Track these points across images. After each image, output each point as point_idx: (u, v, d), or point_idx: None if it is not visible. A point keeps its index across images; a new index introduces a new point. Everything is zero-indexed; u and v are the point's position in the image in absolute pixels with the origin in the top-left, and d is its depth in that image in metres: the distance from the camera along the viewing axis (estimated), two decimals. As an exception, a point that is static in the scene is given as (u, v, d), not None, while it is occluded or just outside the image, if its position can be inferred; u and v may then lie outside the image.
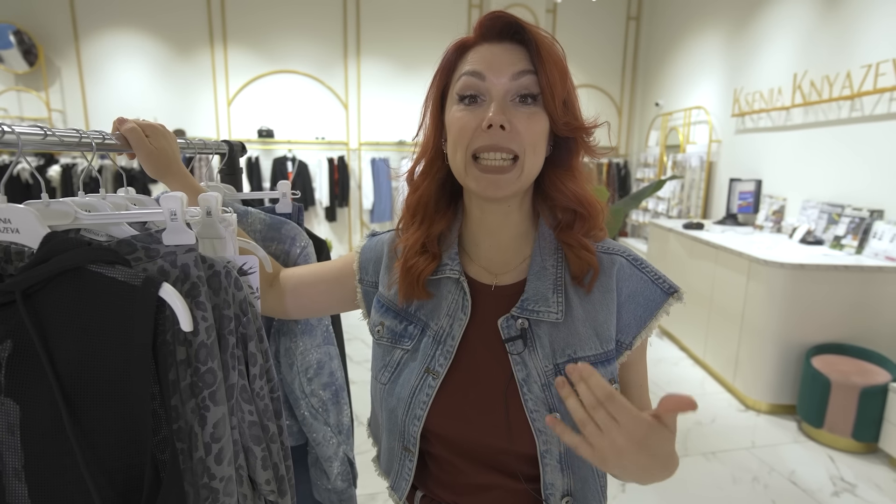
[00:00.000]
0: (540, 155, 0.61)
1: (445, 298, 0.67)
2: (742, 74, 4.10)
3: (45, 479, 0.46)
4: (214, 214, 0.59)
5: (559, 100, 0.59)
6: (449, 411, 0.63)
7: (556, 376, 0.60)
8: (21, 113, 4.93)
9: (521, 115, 0.58)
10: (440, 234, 0.69)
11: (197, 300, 0.50)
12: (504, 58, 0.59)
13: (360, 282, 0.76)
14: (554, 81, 0.58)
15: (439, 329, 0.66)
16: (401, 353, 0.67)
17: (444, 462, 0.67)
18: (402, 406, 0.65)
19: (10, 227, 0.47)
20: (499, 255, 0.68)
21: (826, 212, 3.11)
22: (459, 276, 0.66)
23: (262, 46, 5.27)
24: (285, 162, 5.34)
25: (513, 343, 0.62)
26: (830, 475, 2.20)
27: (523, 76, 0.58)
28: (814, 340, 2.62)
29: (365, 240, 0.79)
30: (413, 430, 0.64)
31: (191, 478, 0.51)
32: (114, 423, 0.46)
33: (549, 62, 0.58)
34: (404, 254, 0.68)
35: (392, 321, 0.69)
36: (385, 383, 0.68)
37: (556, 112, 0.59)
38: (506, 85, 0.58)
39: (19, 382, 0.46)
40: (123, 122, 0.70)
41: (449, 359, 0.64)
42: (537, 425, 0.60)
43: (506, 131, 0.57)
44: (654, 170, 5.39)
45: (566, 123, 0.60)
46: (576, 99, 0.62)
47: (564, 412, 0.60)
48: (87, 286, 0.46)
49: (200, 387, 0.50)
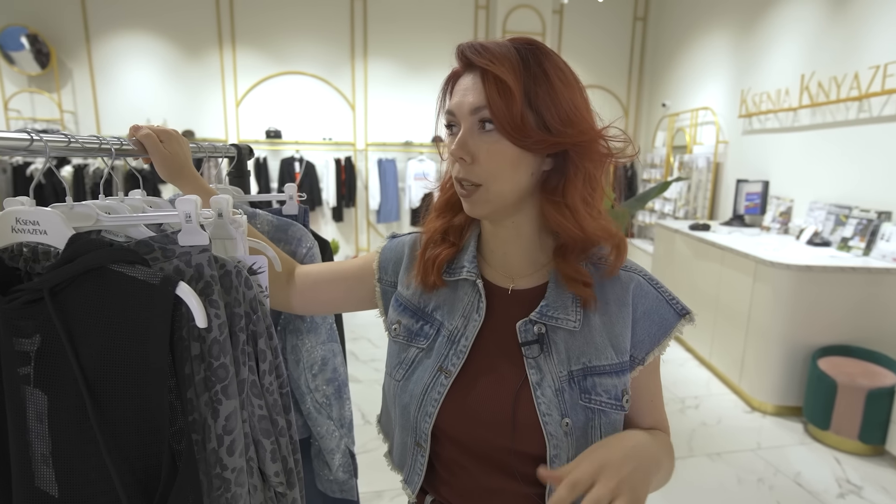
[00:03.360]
0: (507, 180, 0.60)
1: (461, 300, 0.69)
2: (749, 75, 4.09)
3: (71, 464, 0.49)
4: (226, 216, 0.61)
5: (507, 120, 0.57)
6: (459, 410, 0.65)
7: (570, 383, 0.62)
8: (34, 114, 5.00)
9: (483, 144, 0.59)
10: (462, 226, 0.71)
11: (210, 298, 0.52)
12: (468, 91, 0.60)
13: (379, 281, 0.78)
14: (494, 103, 0.57)
15: (454, 329, 0.68)
16: (416, 351, 0.69)
17: (453, 464, 0.68)
18: (415, 403, 0.67)
19: (38, 228, 0.50)
20: (514, 261, 0.69)
21: (833, 213, 3.10)
22: (476, 279, 0.68)
23: (270, 48, 5.32)
24: (293, 162, 5.39)
25: (529, 347, 0.64)
26: (836, 477, 2.19)
27: (479, 111, 0.59)
28: (820, 342, 2.61)
29: (386, 241, 0.81)
30: (424, 426, 0.66)
31: (204, 467, 0.54)
32: (133, 413, 0.49)
33: (490, 84, 0.57)
34: (425, 243, 0.71)
35: (409, 320, 0.71)
36: (399, 380, 0.70)
37: (510, 132, 0.57)
38: (468, 119, 0.60)
39: (47, 374, 0.49)
40: (139, 129, 0.72)
41: (462, 359, 0.66)
42: (549, 429, 0.61)
43: (467, 163, 0.60)
44: (660, 171, 5.38)
45: (536, 141, 0.58)
46: (551, 110, 0.58)
47: (575, 419, 0.62)
48: (110, 284, 0.48)
49: (213, 381, 0.53)
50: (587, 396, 0.62)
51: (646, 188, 5.57)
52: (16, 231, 0.50)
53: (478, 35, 5.50)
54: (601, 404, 0.63)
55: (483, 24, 5.58)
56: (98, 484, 0.49)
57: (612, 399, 0.63)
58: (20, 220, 0.50)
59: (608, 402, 0.63)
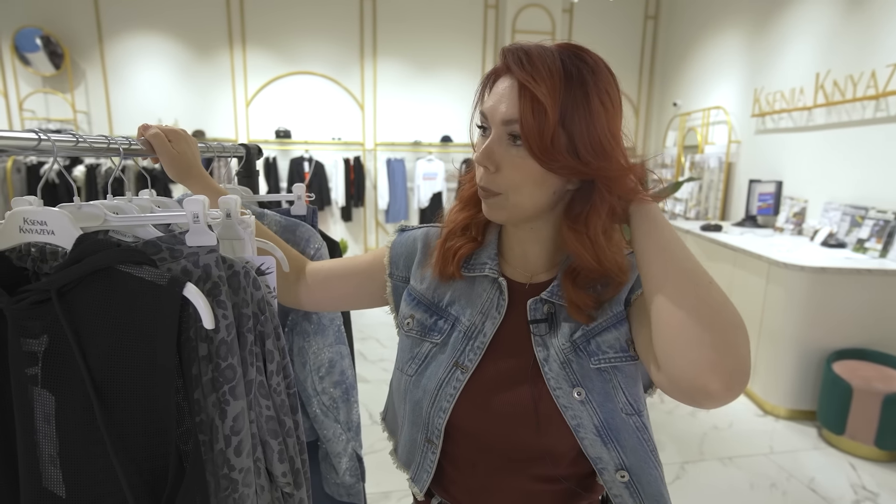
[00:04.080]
0: (528, 195, 0.60)
1: (480, 296, 0.68)
2: (763, 74, 4.03)
3: (78, 465, 0.48)
4: (234, 216, 0.61)
5: (537, 141, 0.56)
6: (476, 404, 0.65)
7: (576, 352, 0.62)
8: (48, 114, 5.07)
9: (509, 156, 0.59)
10: (485, 223, 0.70)
11: (218, 299, 0.52)
12: (502, 100, 0.58)
13: (391, 276, 0.77)
14: (527, 122, 0.55)
15: (471, 325, 0.67)
16: (429, 346, 0.69)
17: (462, 462, 0.68)
18: (429, 398, 0.66)
19: (46, 228, 0.50)
20: (533, 259, 0.69)
21: (849, 214, 3.04)
22: (498, 277, 0.67)
23: (279, 48, 5.34)
24: (302, 162, 5.41)
25: (537, 325, 0.64)
26: (851, 483, 2.15)
27: (510, 124, 0.58)
28: (835, 345, 2.57)
29: (395, 235, 0.79)
30: (438, 422, 0.66)
31: (212, 468, 0.53)
32: (141, 414, 0.48)
33: (525, 101, 0.55)
34: (445, 235, 0.70)
35: (423, 314, 0.71)
36: (412, 375, 0.69)
37: (536, 154, 0.56)
38: (498, 128, 0.59)
39: (54, 375, 0.48)
40: (148, 128, 0.72)
41: (479, 354, 0.66)
42: (562, 402, 0.62)
43: (490, 172, 0.60)
44: (671, 171, 5.33)
45: (563, 166, 0.57)
46: (584, 138, 0.56)
47: (590, 387, 0.62)
48: (117, 285, 0.48)
49: (221, 382, 0.52)
50: (596, 359, 0.62)
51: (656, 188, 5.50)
52: (24, 231, 0.50)
53: (486, 35, 5.49)
54: (610, 360, 0.62)
55: (493, 24, 5.56)
56: (105, 485, 0.48)
57: (619, 352, 0.62)
58: (28, 220, 0.50)
59: (616, 357, 0.62)
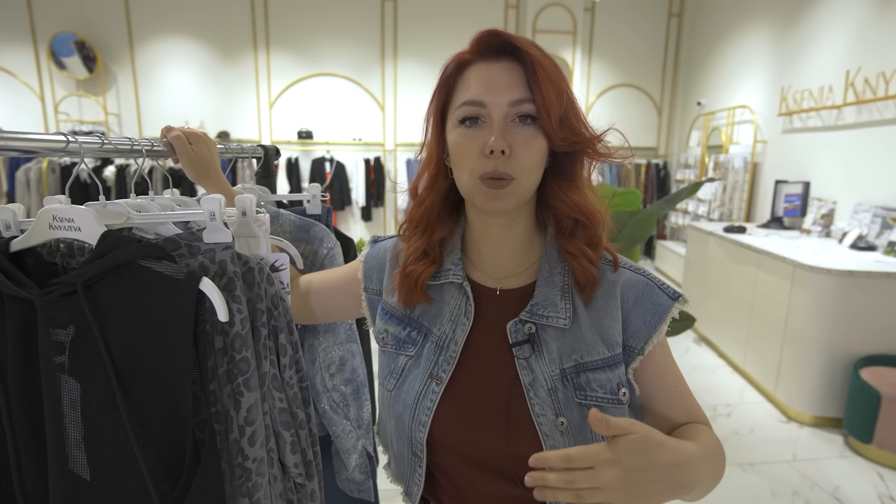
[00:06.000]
0: (536, 173, 0.62)
1: (448, 304, 0.67)
2: (790, 72, 3.93)
3: (102, 450, 0.51)
4: (249, 215, 0.63)
5: (555, 119, 0.58)
6: (453, 416, 0.64)
7: (563, 381, 0.61)
8: (81, 116, 5.27)
9: (520, 137, 0.59)
10: (442, 240, 0.69)
11: (233, 294, 0.54)
12: (502, 80, 0.59)
13: (365, 290, 0.76)
14: (550, 102, 0.57)
15: (442, 334, 0.66)
16: (405, 359, 0.68)
17: (452, 472, 0.67)
18: (408, 412, 0.65)
19: (73, 225, 0.53)
20: (502, 262, 0.68)
21: (880, 216, 2.94)
22: (462, 281, 0.66)
23: (302, 50, 5.43)
24: (323, 163, 5.49)
25: (520, 347, 0.62)
26: (879, 493, 2.09)
27: (522, 104, 0.58)
28: (863, 351, 2.49)
29: (368, 247, 0.78)
30: (419, 436, 0.65)
31: (227, 457, 0.56)
32: (160, 402, 0.51)
33: (545, 82, 0.57)
34: (405, 261, 0.69)
35: (395, 328, 0.70)
36: (391, 390, 0.68)
37: (553, 131, 0.59)
38: (504, 109, 0.58)
39: (80, 363, 0.51)
40: (170, 130, 0.75)
41: (452, 364, 0.64)
42: (544, 429, 0.60)
43: (506, 156, 0.58)
44: (694, 171, 5.23)
45: (563, 139, 0.60)
46: (576, 112, 0.61)
47: (570, 417, 0.61)
48: (138, 279, 0.51)
49: (235, 374, 0.55)
50: (582, 393, 0.61)
51: (679, 189, 5.43)
52: (53, 228, 0.53)
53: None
54: (597, 400, 0.61)
55: (513, 23, 5.55)
56: (127, 469, 0.51)
57: (608, 394, 0.61)
58: (56, 217, 0.53)
59: (604, 398, 0.61)
